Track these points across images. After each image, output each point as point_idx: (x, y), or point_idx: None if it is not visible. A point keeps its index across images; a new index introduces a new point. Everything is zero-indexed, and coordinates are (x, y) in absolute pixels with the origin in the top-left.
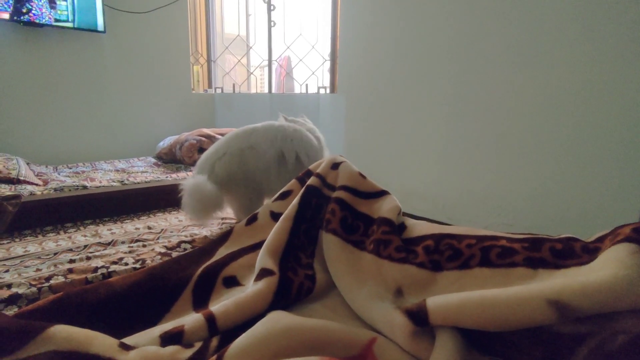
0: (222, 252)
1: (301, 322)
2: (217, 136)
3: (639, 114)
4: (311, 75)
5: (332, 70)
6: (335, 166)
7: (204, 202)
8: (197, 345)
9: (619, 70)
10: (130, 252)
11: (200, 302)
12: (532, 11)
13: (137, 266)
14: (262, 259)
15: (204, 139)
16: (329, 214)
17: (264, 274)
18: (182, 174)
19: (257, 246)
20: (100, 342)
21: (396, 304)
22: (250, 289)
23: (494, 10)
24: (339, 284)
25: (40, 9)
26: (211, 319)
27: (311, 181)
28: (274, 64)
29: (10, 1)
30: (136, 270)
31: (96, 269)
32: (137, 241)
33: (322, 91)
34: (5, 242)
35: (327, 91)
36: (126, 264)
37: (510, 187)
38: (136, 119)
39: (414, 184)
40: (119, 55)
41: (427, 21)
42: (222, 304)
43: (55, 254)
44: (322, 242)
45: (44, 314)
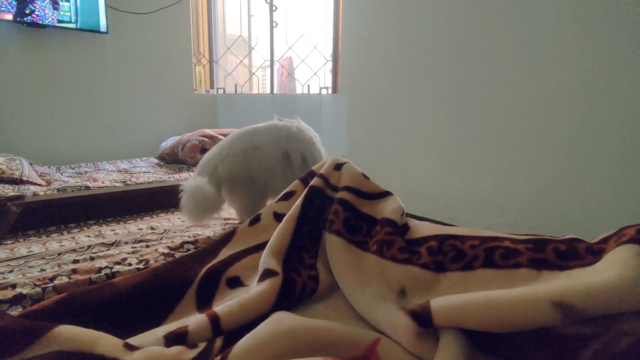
0: (226, 252)
1: (305, 322)
2: (219, 137)
3: None
4: (313, 75)
5: (334, 70)
6: (338, 167)
7: (203, 205)
8: (201, 345)
9: (621, 70)
10: (133, 252)
11: (203, 302)
12: (533, 11)
13: (141, 267)
14: (266, 259)
15: (206, 139)
16: (332, 215)
17: (267, 274)
18: (185, 175)
19: (261, 247)
20: (105, 343)
21: (400, 305)
22: (253, 289)
23: (495, 10)
24: (342, 284)
25: (43, 9)
26: (215, 319)
27: (314, 182)
28: (276, 65)
29: (13, 2)
30: (140, 270)
31: (100, 270)
32: (140, 241)
33: (324, 92)
34: (9, 242)
35: (329, 92)
36: (130, 265)
37: (512, 187)
38: (138, 119)
39: (415, 184)
40: (122, 56)
41: (429, 21)
42: (226, 304)
43: (59, 254)
44: (325, 242)
45: (48, 314)
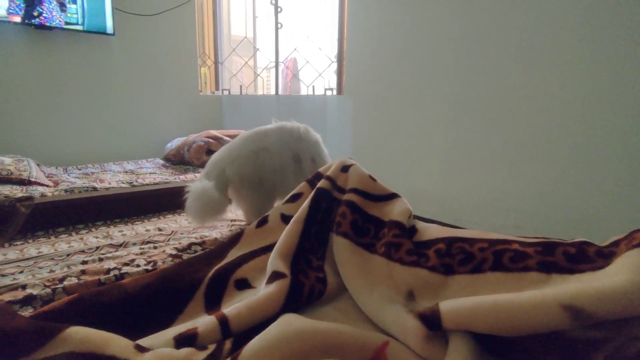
0: (233, 254)
1: (313, 325)
2: (225, 138)
3: None
4: (318, 77)
5: (339, 72)
6: (345, 169)
7: (209, 207)
8: (211, 347)
9: (628, 71)
10: (141, 253)
11: (212, 304)
12: (542, 13)
13: (149, 268)
14: (274, 261)
15: (211, 140)
16: (339, 217)
17: (275, 276)
18: (190, 176)
19: (268, 248)
20: (116, 344)
21: (408, 308)
22: (262, 291)
23: (503, 10)
24: (350, 286)
25: (50, 12)
26: (224, 321)
27: (321, 184)
28: (281, 66)
29: (22, 5)
30: (148, 272)
31: (108, 271)
32: (148, 243)
33: (328, 93)
34: (18, 243)
35: (334, 93)
36: (138, 266)
37: (517, 189)
38: (144, 120)
39: (420, 185)
40: (128, 57)
41: (434, 22)
42: (235, 306)
43: (67, 255)
44: (333, 244)
45: (59, 315)
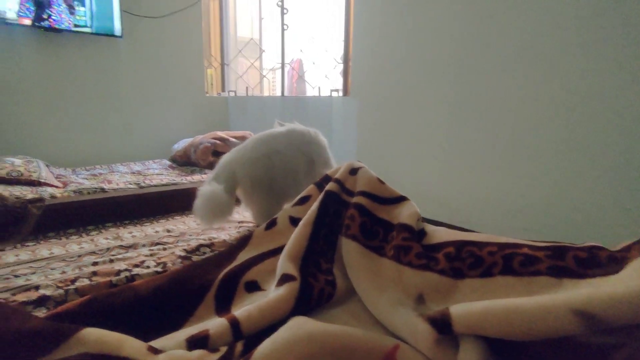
0: (243, 256)
1: (324, 328)
2: (231, 139)
3: None
4: (324, 78)
5: (345, 73)
6: (353, 172)
7: (216, 211)
8: (223, 349)
9: (635, 71)
10: (151, 255)
11: (222, 306)
12: (545, 15)
13: (159, 269)
14: (283, 264)
15: (218, 141)
16: (348, 220)
17: (285, 279)
18: (197, 177)
19: (277, 251)
20: (130, 345)
21: (418, 311)
22: (272, 294)
23: (509, 11)
24: (359, 289)
25: (60, 14)
26: (235, 323)
27: (330, 186)
28: (286, 67)
29: (32, 8)
30: (158, 273)
31: (119, 272)
32: (157, 244)
33: (334, 94)
34: (30, 244)
35: (340, 94)
36: (148, 267)
37: (524, 190)
38: (151, 121)
39: (427, 187)
40: (135, 59)
41: (440, 23)
42: (245, 308)
43: (79, 256)
44: (342, 247)
45: (73, 316)
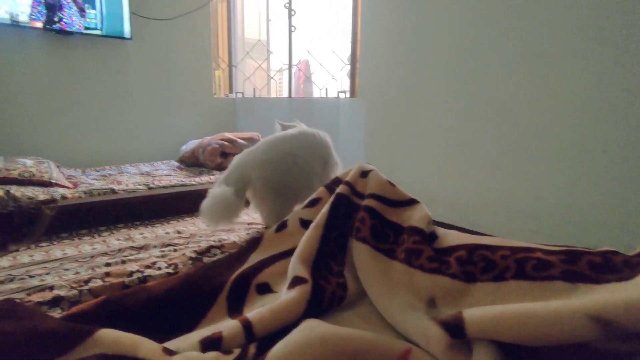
0: (254, 258)
1: (336, 331)
2: (239, 140)
3: None
4: (331, 79)
5: (352, 74)
6: (364, 174)
7: (224, 212)
8: (236, 351)
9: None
10: (162, 256)
11: (234, 308)
12: (552, 15)
13: (171, 271)
14: (295, 266)
15: (226, 143)
16: (358, 222)
17: (297, 281)
18: (205, 178)
19: (288, 253)
20: (145, 347)
21: (430, 315)
22: (284, 296)
23: (517, 12)
24: (370, 292)
25: (71, 17)
26: (248, 325)
27: (340, 189)
28: (294, 68)
29: (43, 11)
30: (170, 274)
31: (132, 273)
32: (168, 245)
33: (341, 95)
34: (44, 244)
35: (347, 95)
36: (159, 268)
37: (534, 193)
38: (159, 122)
39: (435, 189)
40: (144, 61)
41: (448, 24)
42: (257, 311)
43: (91, 257)
44: (352, 250)
45: (87, 317)
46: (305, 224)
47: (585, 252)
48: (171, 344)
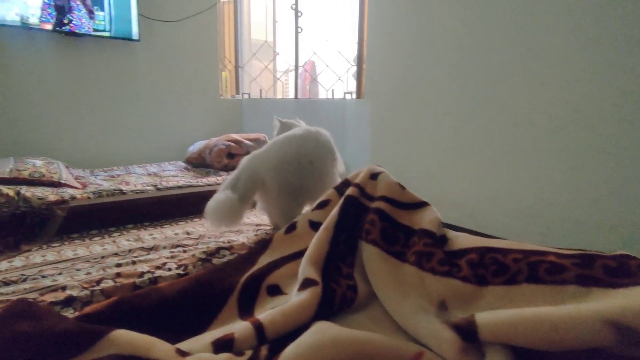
0: (264, 260)
1: (348, 333)
2: (245, 141)
3: None
4: (337, 80)
5: (359, 75)
6: (374, 176)
7: (225, 217)
8: (248, 353)
9: None
10: (172, 257)
11: (245, 309)
12: (554, 16)
13: (181, 272)
14: (305, 268)
15: (232, 144)
16: (368, 224)
17: (307, 283)
18: (212, 179)
19: (297, 255)
20: (159, 348)
21: (441, 318)
22: (294, 298)
23: (525, 14)
24: (381, 295)
25: (80, 19)
26: (259, 327)
27: (350, 191)
28: (300, 69)
29: (53, 13)
30: (180, 276)
31: (142, 274)
32: (177, 246)
33: (348, 97)
34: (56, 245)
35: (353, 97)
36: (169, 269)
37: (543, 195)
38: (167, 123)
39: (442, 191)
40: (152, 62)
41: (456, 26)
42: (269, 312)
43: (102, 257)
44: (362, 252)
45: (101, 318)
46: (314, 225)
47: (599, 255)
48: (183, 345)
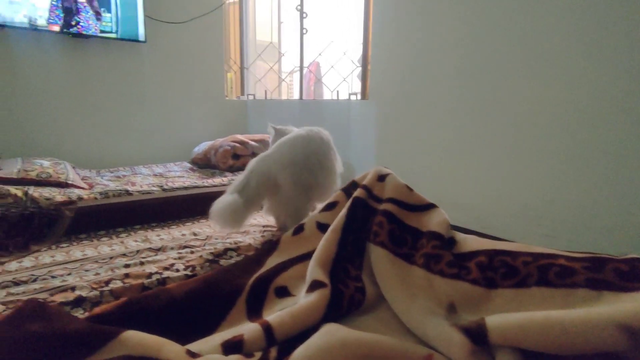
0: (271, 262)
1: (357, 335)
2: (251, 142)
3: None
4: (342, 81)
5: (363, 76)
6: (381, 178)
7: (230, 220)
8: (257, 355)
9: None
10: (179, 258)
11: (254, 311)
12: (555, 17)
13: (189, 273)
14: (313, 270)
15: (237, 145)
16: (376, 226)
17: (315, 285)
18: (218, 179)
19: (305, 257)
20: (169, 349)
21: (450, 321)
22: (303, 300)
23: (530, 15)
24: (389, 297)
25: (87, 21)
26: (268, 329)
27: (358, 193)
28: (304, 70)
29: (61, 15)
30: (188, 276)
31: (150, 275)
32: (185, 247)
33: (352, 97)
34: (64, 245)
35: (358, 97)
36: (177, 270)
37: (549, 196)
38: (172, 124)
39: (448, 192)
40: (158, 63)
41: (461, 27)
42: (277, 314)
43: (110, 258)
44: (370, 254)
45: (111, 318)
46: (322, 227)
47: (610, 259)
48: (193, 346)
